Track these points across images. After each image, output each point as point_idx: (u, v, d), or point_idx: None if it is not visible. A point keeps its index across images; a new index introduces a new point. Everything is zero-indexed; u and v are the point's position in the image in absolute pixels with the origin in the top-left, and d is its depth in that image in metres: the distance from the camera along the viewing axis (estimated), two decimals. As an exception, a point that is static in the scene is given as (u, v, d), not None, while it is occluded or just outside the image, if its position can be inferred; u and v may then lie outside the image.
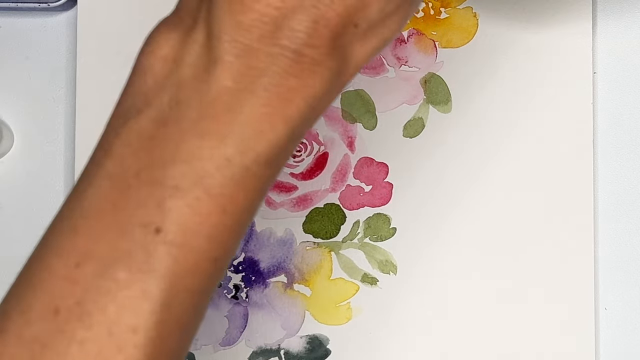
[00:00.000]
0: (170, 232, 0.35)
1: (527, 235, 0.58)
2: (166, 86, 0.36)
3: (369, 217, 0.58)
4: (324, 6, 0.35)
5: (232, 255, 0.37)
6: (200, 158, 0.35)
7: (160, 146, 0.35)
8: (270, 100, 0.35)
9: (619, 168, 0.59)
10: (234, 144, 0.35)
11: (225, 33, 0.35)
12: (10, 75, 0.61)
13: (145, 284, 0.35)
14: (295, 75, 0.35)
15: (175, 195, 0.35)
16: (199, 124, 0.35)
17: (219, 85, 0.35)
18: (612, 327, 0.58)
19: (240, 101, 0.35)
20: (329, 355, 0.58)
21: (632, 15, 0.60)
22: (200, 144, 0.35)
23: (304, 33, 0.35)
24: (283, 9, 0.35)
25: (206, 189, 0.35)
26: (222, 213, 0.35)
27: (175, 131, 0.35)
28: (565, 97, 0.58)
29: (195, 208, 0.35)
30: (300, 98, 0.36)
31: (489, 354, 0.57)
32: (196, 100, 0.35)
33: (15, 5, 0.60)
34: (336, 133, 0.59)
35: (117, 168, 0.36)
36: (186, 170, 0.35)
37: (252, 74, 0.35)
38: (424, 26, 0.59)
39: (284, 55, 0.35)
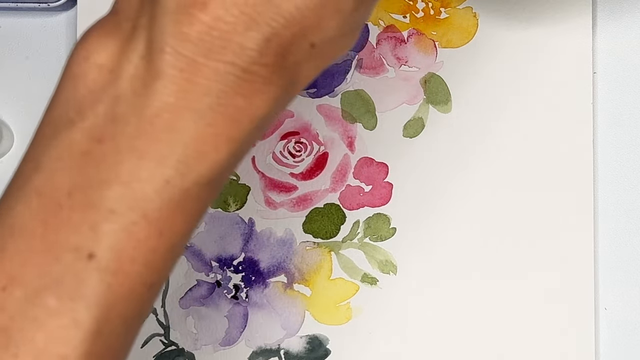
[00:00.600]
0: (104, 258, 0.33)
1: (527, 235, 0.58)
2: (101, 98, 0.34)
3: (369, 217, 0.58)
4: (279, 24, 0.33)
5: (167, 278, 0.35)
6: (138, 180, 0.33)
7: (95, 164, 0.33)
8: (215, 120, 0.33)
9: (619, 168, 0.59)
10: (174, 165, 0.33)
11: (168, 45, 0.33)
12: (10, 75, 0.61)
13: (76, 313, 0.33)
14: (242, 95, 0.33)
15: (110, 219, 0.33)
16: (137, 143, 0.33)
17: (160, 101, 0.33)
18: (612, 327, 0.58)
19: (182, 120, 0.33)
20: (329, 355, 0.58)
21: (632, 15, 0.60)
22: (138, 164, 0.33)
23: (255, 51, 0.33)
24: (234, 24, 0.33)
25: (143, 213, 0.33)
26: (159, 237, 0.34)
27: (111, 149, 0.33)
28: (565, 97, 0.58)
29: (132, 233, 0.33)
30: (246, 118, 0.34)
31: (489, 353, 0.57)
32: (134, 116, 0.33)
33: (15, 5, 0.60)
34: (336, 133, 0.59)
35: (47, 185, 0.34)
36: (123, 193, 0.33)
37: (196, 91, 0.33)
38: (424, 26, 0.59)
39: (231, 73, 0.33)
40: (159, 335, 0.58)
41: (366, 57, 0.59)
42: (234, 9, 0.33)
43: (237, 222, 0.58)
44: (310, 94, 0.59)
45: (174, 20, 0.33)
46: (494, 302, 0.57)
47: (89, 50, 0.34)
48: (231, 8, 0.33)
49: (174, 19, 0.33)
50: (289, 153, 0.59)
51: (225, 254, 0.58)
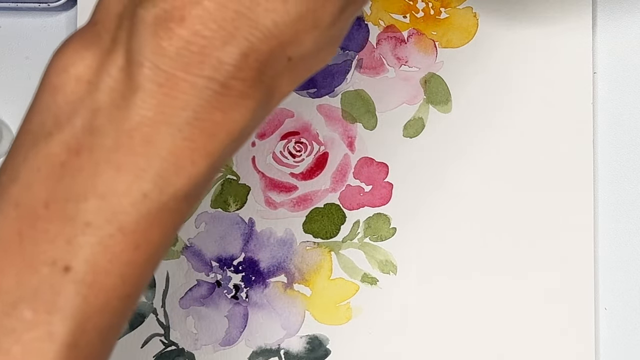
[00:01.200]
0: (80, 271, 0.33)
1: (527, 235, 0.58)
2: (79, 110, 0.33)
3: (369, 217, 0.58)
4: (256, 39, 0.33)
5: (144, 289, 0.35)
6: (115, 193, 0.33)
7: (72, 176, 0.33)
8: (192, 135, 0.33)
9: (619, 168, 0.59)
10: (152, 179, 0.33)
11: (146, 59, 0.33)
12: (10, 75, 0.61)
13: (52, 326, 0.33)
14: (220, 109, 0.33)
15: (86, 232, 0.33)
16: (115, 155, 0.33)
17: (138, 114, 0.33)
18: (612, 327, 0.58)
19: (160, 133, 0.33)
20: (329, 355, 0.58)
21: (632, 15, 0.60)
22: (115, 177, 0.33)
23: (233, 66, 0.33)
24: (211, 39, 0.33)
25: (120, 226, 0.33)
26: (135, 250, 0.34)
27: (89, 161, 0.33)
28: (565, 97, 0.58)
29: (108, 246, 0.33)
30: (224, 132, 0.34)
31: (489, 354, 0.57)
32: (112, 129, 0.33)
33: (15, 5, 0.60)
34: (336, 133, 0.59)
35: (25, 196, 0.34)
36: (99, 206, 0.33)
37: (174, 105, 0.33)
38: (424, 26, 0.59)
39: (209, 88, 0.33)
40: (159, 335, 0.58)
41: (366, 57, 0.59)
42: (212, 24, 0.33)
43: (237, 222, 0.58)
44: (310, 94, 0.59)
45: (152, 34, 0.33)
46: (494, 302, 0.57)
47: (67, 62, 0.34)
48: (209, 23, 0.33)
49: (152, 32, 0.33)
50: (289, 153, 0.59)
51: (225, 254, 0.58)
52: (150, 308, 0.58)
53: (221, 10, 0.33)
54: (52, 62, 0.35)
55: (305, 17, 0.34)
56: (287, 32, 0.34)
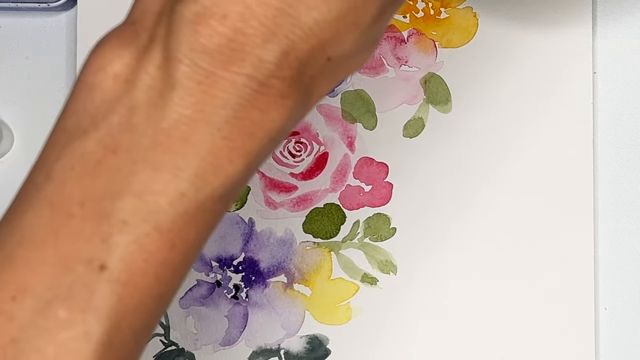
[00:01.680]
0: (116, 269, 0.33)
1: (527, 235, 0.58)
2: (116, 108, 0.33)
3: (369, 217, 0.58)
4: (297, 37, 0.33)
5: (178, 289, 0.35)
6: (153, 192, 0.33)
7: (108, 174, 0.33)
8: (231, 134, 0.33)
9: (619, 168, 0.59)
10: (190, 178, 0.33)
11: (185, 56, 0.32)
12: (10, 75, 0.61)
13: (87, 325, 0.32)
14: (259, 108, 0.33)
15: (122, 230, 0.33)
16: (152, 154, 0.33)
17: (177, 112, 0.33)
18: (612, 327, 0.58)
19: (198, 132, 0.33)
20: (329, 355, 0.58)
21: (632, 15, 0.60)
22: (153, 176, 0.33)
23: (273, 64, 0.33)
24: (252, 36, 0.32)
25: (156, 225, 0.33)
26: (171, 250, 0.33)
27: (126, 159, 0.33)
28: (565, 97, 0.58)
29: (144, 245, 0.33)
30: (262, 132, 0.33)
31: (489, 354, 0.57)
32: (150, 127, 0.33)
33: (15, 5, 0.60)
34: (336, 133, 0.59)
35: (59, 194, 0.33)
36: (136, 205, 0.33)
37: (213, 103, 0.32)
38: (424, 26, 0.59)
39: (249, 86, 0.33)
40: (159, 335, 0.58)
41: (366, 57, 0.59)
42: (253, 21, 0.32)
43: (237, 222, 0.58)
44: (310, 94, 0.59)
45: (191, 31, 0.32)
46: (494, 302, 0.57)
47: (104, 60, 0.34)
48: (250, 20, 0.32)
49: (192, 29, 0.32)
50: (289, 153, 0.59)
51: (225, 253, 0.58)
52: (150, 308, 0.58)
53: (263, 7, 0.32)
54: (89, 61, 0.34)
55: (346, 16, 0.33)
56: (328, 31, 0.33)
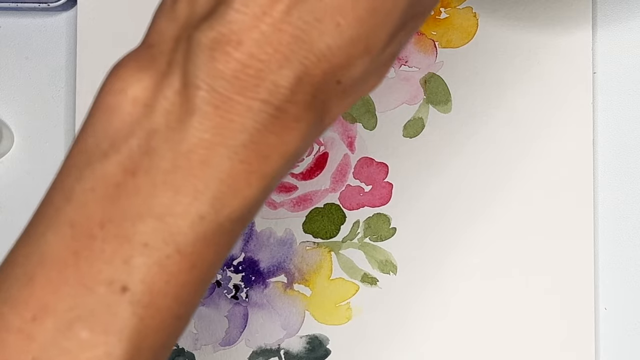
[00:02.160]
0: (137, 291, 0.33)
1: (527, 235, 0.58)
2: (136, 132, 0.34)
3: (369, 217, 0.58)
4: (310, 62, 0.33)
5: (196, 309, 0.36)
6: (173, 214, 0.33)
7: (128, 197, 0.33)
8: (248, 157, 0.34)
9: (619, 168, 0.59)
10: (209, 201, 0.33)
11: (203, 82, 0.33)
12: (10, 75, 0.61)
13: (109, 346, 0.33)
14: (274, 132, 0.34)
15: (144, 252, 0.33)
16: (172, 177, 0.33)
17: (195, 136, 0.33)
18: (612, 327, 0.58)
19: (217, 156, 0.33)
20: (329, 355, 0.58)
21: (632, 15, 0.60)
22: (173, 198, 0.33)
23: (287, 89, 0.33)
24: (268, 62, 0.33)
25: (177, 247, 0.33)
26: (191, 271, 0.34)
27: (146, 182, 0.33)
28: (565, 97, 0.58)
29: (165, 267, 0.33)
30: (278, 155, 0.34)
31: (489, 354, 0.57)
32: (169, 151, 0.33)
33: (15, 5, 0.60)
34: (336, 133, 0.59)
35: (80, 215, 0.34)
36: (157, 227, 0.33)
37: (231, 128, 0.33)
38: (424, 26, 0.59)
39: (264, 111, 0.33)
40: (159, 335, 0.58)
41: (366, 57, 0.59)
42: (268, 47, 0.33)
43: (237, 222, 0.58)
44: (310, 94, 0.59)
45: (209, 57, 0.33)
46: (494, 302, 0.57)
47: (124, 83, 0.34)
48: (265, 46, 0.33)
49: (209, 55, 0.33)
50: (289, 153, 0.59)
51: (225, 254, 0.58)
52: (150, 308, 0.58)
53: (277, 33, 0.33)
54: (107, 83, 0.35)
55: (357, 42, 0.34)
56: (340, 56, 0.34)
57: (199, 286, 0.35)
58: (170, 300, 0.34)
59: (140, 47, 0.35)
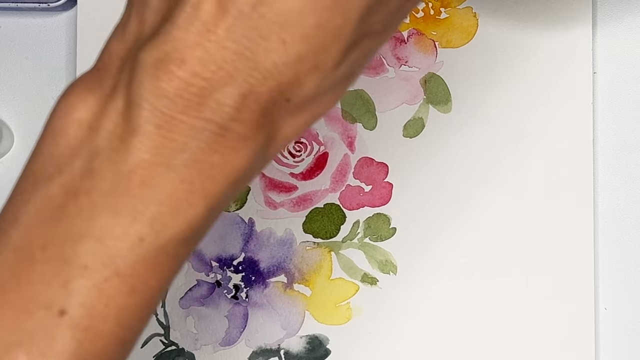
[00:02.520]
0: (76, 315, 0.33)
1: (527, 235, 0.58)
2: (79, 153, 0.34)
3: (369, 217, 0.58)
4: (256, 80, 0.33)
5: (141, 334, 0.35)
6: (112, 236, 0.33)
7: (70, 219, 0.33)
8: (190, 177, 0.33)
9: (619, 168, 0.59)
10: (149, 222, 0.33)
11: (145, 101, 0.33)
12: (10, 75, 0.61)
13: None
14: (218, 151, 0.33)
15: (82, 275, 0.33)
16: (112, 198, 0.33)
17: (136, 157, 0.33)
18: (612, 327, 0.58)
19: (158, 176, 0.33)
20: (329, 355, 0.58)
21: (632, 15, 0.60)
22: (112, 220, 0.33)
23: (232, 107, 0.33)
24: (211, 80, 0.32)
25: (116, 270, 0.33)
26: (132, 294, 0.33)
27: (87, 204, 0.33)
28: (565, 97, 0.58)
29: (104, 289, 0.33)
30: (222, 175, 0.33)
31: (489, 353, 0.57)
32: (110, 172, 0.33)
33: (15, 5, 0.60)
34: (336, 133, 0.59)
35: (23, 239, 0.33)
36: (96, 249, 0.33)
37: (172, 147, 0.33)
38: (424, 26, 0.59)
39: (208, 130, 0.33)
40: (159, 335, 0.58)
41: (366, 57, 0.59)
42: (212, 65, 0.32)
43: (237, 222, 0.58)
44: (310, 94, 0.59)
45: (152, 76, 0.33)
46: (494, 302, 0.57)
47: (70, 106, 0.34)
48: (209, 64, 0.32)
49: (152, 75, 0.33)
50: (289, 153, 0.59)
51: (225, 254, 0.58)
52: (150, 308, 0.58)
53: (221, 51, 0.33)
54: (56, 107, 0.35)
55: (305, 59, 0.33)
56: (287, 73, 0.33)
57: (141, 310, 0.34)
58: (110, 324, 0.33)
59: (91, 69, 0.35)
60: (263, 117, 0.33)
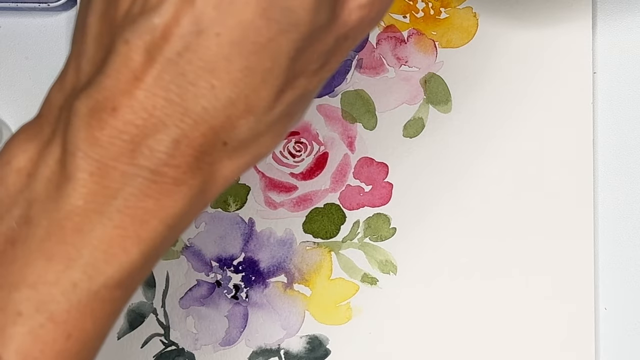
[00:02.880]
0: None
1: (527, 235, 0.58)
2: (18, 201, 0.34)
3: (369, 217, 0.58)
4: (187, 126, 0.33)
5: None
6: (45, 282, 0.33)
7: (7, 266, 0.34)
8: (123, 223, 0.34)
9: (619, 168, 0.59)
10: (82, 268, 0.33)
11: (79, 149, 0.33)
12: (10, 75, 0.61)
13: None
14: (151, 196, 0.34)
15: (17, 321, 0.33)
16: (46, 245, 0.33)
17: (70, 204, 0.33)
18: (612, 327, 0.58)
19: (91, 222, 0.33)
20: (328, 355, 0.58)
21: (632, 15, 0.60)
22: (45, 266, 0.33)
23: (164, 153, 0.33)
24: (143, 127, 0.33)
25: (50, 315, 0.33)
26: (67, 340, 0.34)
27: (23, 251, 0.34)
28: (565, 97, 0.58)
29: (38, 335, 0.33)
30: (157, 220, 0.34)
31: (489, 353, 0.57)
32: (45, 219, 0.34)
33: (15, 5, 0.60)
34: (336, 133, 0.59)
35: None
36: (30, 295, 0.33)
37: (105, 194, 0.33)
38: (424, 26, 0.59)
39: (140, 176, 0.33)
40: (159, 335, 0.58)
41: (366, 57, 0.59)
42: (142, 112, 0.33)
43: (237, 222, 0.58)
44: (310, 94, 0.59)
45: (86, 124, 0.33)
46: (494, 302, 0.57)
47: (10, 155, 0.35)
48: (139, 112, 0.33)
49: (86, 123, 0.33)
50: (289, 153, 0.59)
51: (225, 254, 0.58)
52: (150, 308, 0.58)
53: (151, 98, 0.33)
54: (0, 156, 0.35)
55: (236, 103, 0.34)
56: (218, 117, 0.34)
57: (79, 356, 0.34)
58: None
59: (33, 119, 0.36)
60: (198, 160, 0.34)
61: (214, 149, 0.34)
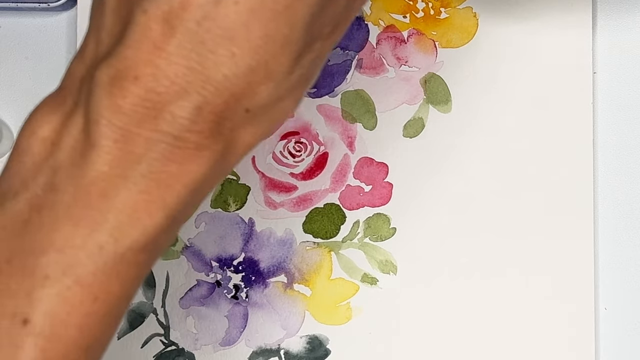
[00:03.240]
0: (39, 323, 0.34)
1: (527, 235, 0.58)
2: (43, 169, 0.35)
3: (369, 217, 0.58)
4: (209, 93, 0.34)
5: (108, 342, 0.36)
6: (72, 246, 0.34)
7: (34, 232, 0.35)
8: (147, 187, 0.34)
9: (619, 168, 0.59)
10: (108, 231, 0.34)
11: (103, 117, 0.34)
12: (10, 75, 0.61)
13: None
14: (175, 161, 0.35)
15: (45, 284, 0.34)
16: (72, 210, 0.34)
17: (95, 170, 0.34)
18: (612, 327, 0.58)
19: (116, 187, 0.34)
20: (328, 355, 0.58)
21: (633, 15, 0.60)
22: (72, 231, 0.34)
23: (186, 119, 0.34)
24: (165, 94, 0.34)
25: (77, 278, 0.34)
26: (94, 302, 0.35)
27: (49, 217, 0.35)
28: (565, 97, 0.58)
29: (65, 298, 0.34)
30: (180, 184, 0.35)
31: (489, 353, 0.57)
32: (71, 186, 0.35)
33: (15, 5, 0.60)
34: (336, 133, 0.59)
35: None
36: (57, 259, 0.34)
37: (129, 159, 0.34)
38: (424, 26, 0.59)
39: (163, 141, 0.34)
40: (159, 335, 0.58)
41: (366, 57, 0.59)
42: (165, 80, 0.34)
43: (237, 222, 0.58)
44: (310, 94, 0.59)
45: (108, 93, 0.34)
46: (494, 302, 0.57)
47: (34, 126, 0.36)
48: (162, 79, 0.34)
49: (108, 92, 0.34)
50: (289, 153, 0.59)
51: (225, 254, 0.58)
52: (150, 308, 0.58)
53: (172, 66, 0.34)
54: (23, 127, 0.36)
55: (256, 70, 0.34)
56: (239, 85, 0.34)
57: (104, 318, 0.35)
58: (74, 332, 0.34)
59: (55, 90, 0.37)
60: (219, 126, 0.35)
61: (235, 115, 0.35)
